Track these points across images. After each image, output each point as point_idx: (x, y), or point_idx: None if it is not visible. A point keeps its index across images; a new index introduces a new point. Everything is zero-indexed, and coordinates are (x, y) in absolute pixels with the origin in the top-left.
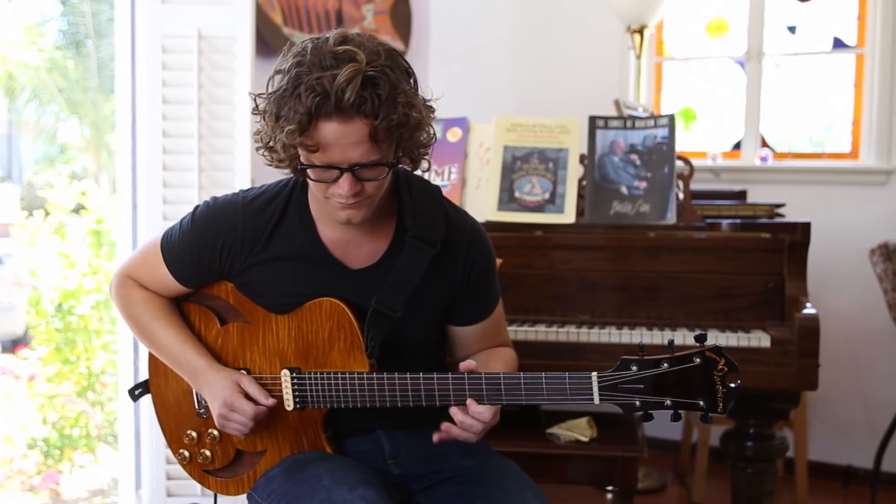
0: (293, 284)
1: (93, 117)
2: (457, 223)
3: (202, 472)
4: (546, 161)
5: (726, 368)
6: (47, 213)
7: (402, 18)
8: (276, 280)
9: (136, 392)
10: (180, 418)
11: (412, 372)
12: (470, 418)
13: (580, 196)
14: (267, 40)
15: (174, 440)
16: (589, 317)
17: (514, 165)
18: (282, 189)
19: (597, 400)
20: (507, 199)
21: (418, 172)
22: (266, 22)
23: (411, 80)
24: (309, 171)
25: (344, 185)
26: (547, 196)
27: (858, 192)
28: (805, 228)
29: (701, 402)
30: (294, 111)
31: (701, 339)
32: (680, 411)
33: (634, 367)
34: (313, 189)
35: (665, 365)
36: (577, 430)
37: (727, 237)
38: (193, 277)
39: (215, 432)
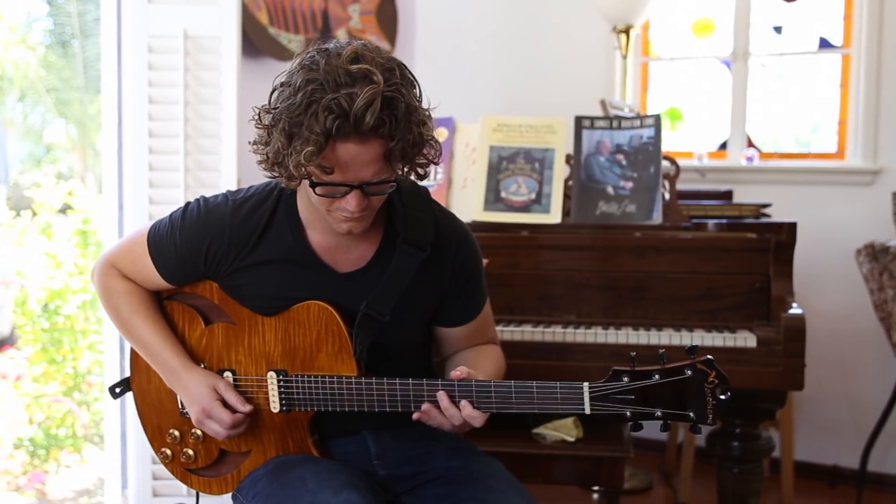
0: (280, 288)
1: (79, 117)
2: (446, 226)
3: (184, 470)
4: (532, 161)
5: (717, 380)
6: (34, 213)
7: (388, 19)
8: (264, 284)
9: (117, 389)
10: (163, 417)
11: (399, 374)
12: (454, 407)
13: (566, 196)
14: (253, 40)
15: (156, 438)
16: (575, 317)
17: (501, 165)
18: (270, 192)
19: (587, 410)
20: (494, 199)
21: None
22: (252, 22)
23: (416, 92)
24: (317, 189)
25: (352, 201)
26: (533, 196)
27: (844, 192)
28: (791, 228)
29: (691, 414)
30: (310, 131)
31: (692, 351)
32: (669, 422)
33: (626, 378)
34: (316, 202)
35: (656, 377)
36: (564, 430)
37: (713, 237)
38: (178, 275)
39: (199, 432)
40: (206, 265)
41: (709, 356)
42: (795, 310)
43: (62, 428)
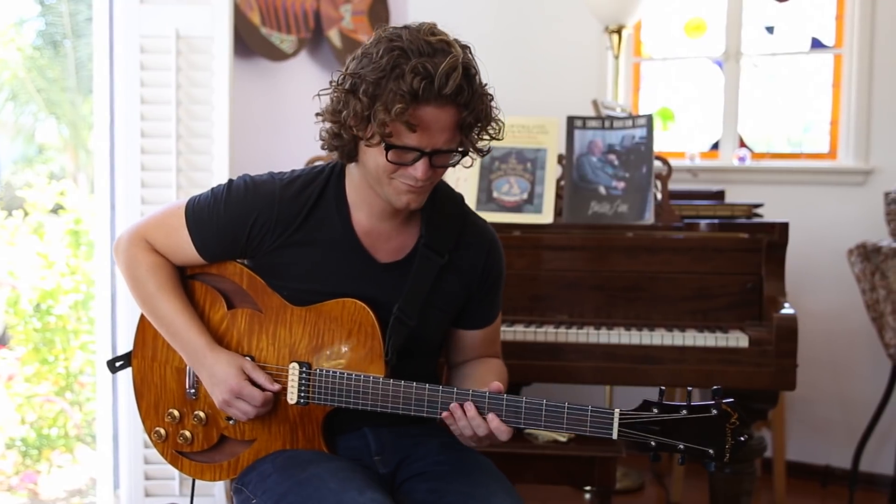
0: (320, 270)
1: (71, 117)
2: (480, 227)
3: (176, 453)
4: (524, 161)
5: (738, 422)
6: (26, 213)
7: (380, 19)
8: (304, 264)
9: (117, 364)
10: (163, 395)
11: (413, 373)
12: (480, 419)
13: (558, 196)
14: (245, 40)
15: (150, 417)
16: (567, 317)
17: (493, 165)
18: (318, 174)
19: (615, 436)
20: (486, 199)
21: None
22: (244, 22)
23: (481, 73)
24: (390, 153)
25: (420, 168)
26: (525, 196)
27: (836, 192)
28: (783, 228)
29: (711, 451)
30: (395, 91)
31: (718, 392)
32: (687, 456)
33: (655, 410)
34: (380, 171)
35: (684, 412)
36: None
37: (705, 237)
38: (213, 248)
39: (202, 414)
40: (248, 239)
41: (732, 399)
42: (787, 310)
43: (54, 428)
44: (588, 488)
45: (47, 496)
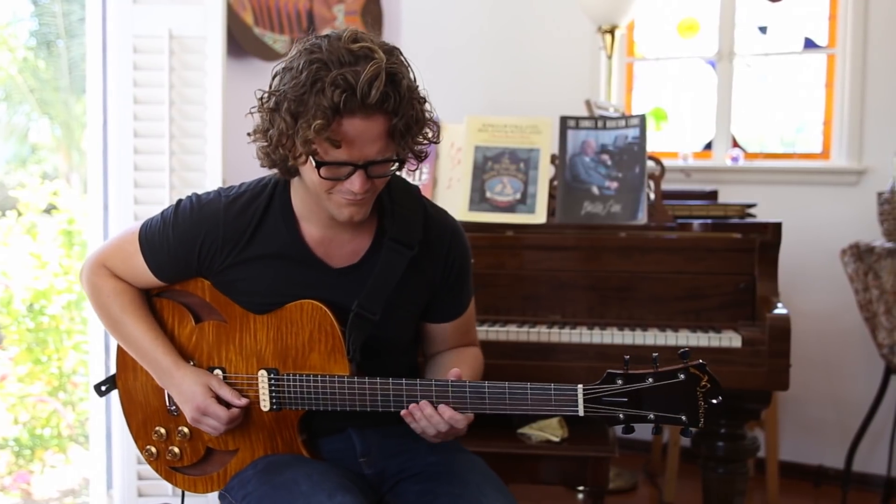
0: (274, 283)
1: (64, 117)
2: (438, 221)
3: (169, 468)
4: (517, 161)
5: (709, 385)
6: (19, 214)
7: (373, 19)
8: (258, 279)
9: (103, 388)
10: (149, 414)
11: (387, 371)
12: (438, 416)
13: (551, 196)
14: (238, 41)
15: (141, 436)
16: (560, 317)
17: (486, 165)
18: (264, 188)
19: (581, 412)
20: (479, 199)
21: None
22: (237, 22)
23: (412, 74)
24: (322, 170)
25: (356, 182)
26: (518, 196)
27: (829, 192)
28: (776, 228)
29: (683, 417)
30: (317, 107)
31: (685, 355)
32: (661, 425)
33: (619, 381)
34: (317, 186)
35: (650, 380)
36: (549, 430)
37: (698, 237)
38: (169, 273)
39: (186, 429)
40: (199, 261)
41: (701, 360)
42: (780, 310)
43: (47, 428)
44: (581, 488)
45: (40, 496)
